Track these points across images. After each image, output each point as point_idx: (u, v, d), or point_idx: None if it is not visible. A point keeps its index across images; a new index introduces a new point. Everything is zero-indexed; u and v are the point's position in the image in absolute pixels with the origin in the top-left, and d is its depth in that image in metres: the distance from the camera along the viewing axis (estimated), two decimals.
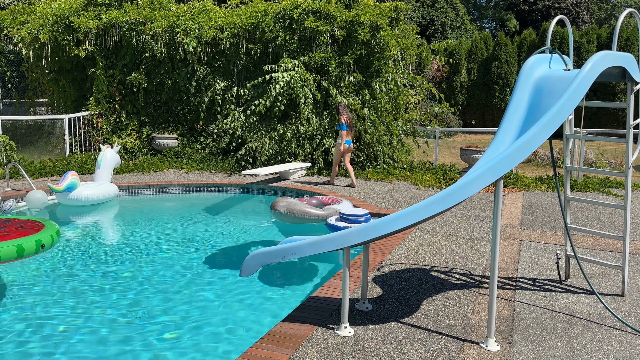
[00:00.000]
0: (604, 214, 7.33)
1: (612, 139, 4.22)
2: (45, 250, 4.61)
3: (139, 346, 3.69)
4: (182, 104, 12.39)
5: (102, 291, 4.72)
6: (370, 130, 10.90)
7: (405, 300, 4.09)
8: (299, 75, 10.73)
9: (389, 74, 11.48)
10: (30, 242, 4.44)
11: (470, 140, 21.18)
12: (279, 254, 3.47)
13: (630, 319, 3.80)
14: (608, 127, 21.17)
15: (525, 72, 3.78)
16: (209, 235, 6.63)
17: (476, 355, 3.24)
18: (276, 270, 5.26)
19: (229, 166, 11.03)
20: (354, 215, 4.28)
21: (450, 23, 37.28)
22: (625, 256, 4.18)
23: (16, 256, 4.34)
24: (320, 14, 11.22)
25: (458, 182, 3.18)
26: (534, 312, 3.91)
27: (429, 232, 6.22)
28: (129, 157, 12.10)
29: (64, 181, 7.82)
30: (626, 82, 4.02)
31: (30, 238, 4.48)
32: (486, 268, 4.93)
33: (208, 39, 11.70)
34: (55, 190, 7.73)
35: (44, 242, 4.54)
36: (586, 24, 38.27)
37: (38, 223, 4.99)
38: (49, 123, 13.04)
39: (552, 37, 21.83)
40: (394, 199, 8.25)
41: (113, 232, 6.88)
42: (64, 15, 12.23)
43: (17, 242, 4.38)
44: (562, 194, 7.03)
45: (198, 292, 4.72)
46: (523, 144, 3.18)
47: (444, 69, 23.81)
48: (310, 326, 3.56)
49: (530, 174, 11.55)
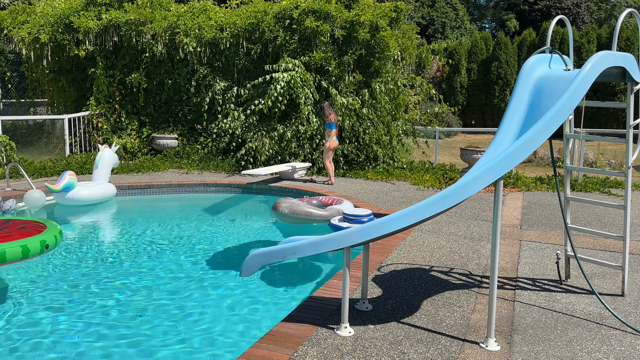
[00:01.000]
0: (604, 214, 7.33)
1: (612, 139, 4.22)
2: (49, 250, 4.61)
3: (139, 346, 3.69)
4: (182, 104, 12.39)
5: (101, 291, 4.72)
6: (370, 130, 10.90)
7: (405, 300, 4.09)
8: (299, 75, 10.73)
9: (388, 74, 11.48)
10: (35, 243, 4.44)
11: (470, 140, 21.18)
12: (279, 254, 3.47)
13: (630, 319, 3.80)
14: (608, 127, 21.17)
15: (525, 72, 3.78)
16: (209, 235, 6.63)
17: (476, 355, 3.24)
18: (276, 270, 5.26)
19: (229, 166, 11.03)
20: (357, 216, 4.27)
21: (450, 23, 37.28)
22: (625, 256, 4.18)
23: (21, 256, 4.34)
24: (320, 14, 11.22)
25: (458, 182, 3.18)
26: (534, 312, 3.91)
27: (429, 232, 6.22)
28: (129, 157, 12.11)
29: (61, 181, 7.81)
30: (626, 82, 4.02)
31: (35, 238, 4.48)
32: (486, 268, 4.93)
33: (208, 39, 11.70)
34: (52, 190, 7.73)
35: (48, 242, 4.55)
36: (586, 24, 38.27)
37: (40, 224, 4.98)
38: (49, 123, 13.04)
39: (552, 37, 21.83)
40: (394, 199, 8.25)
41: (112, 232, 6.88)
42: (64, 15, 12.23)
43: (22, 242, 4.37)
44: (562, 194, 7.03)
45: (198, 292, 4.72)
46: (523, 144, 3.18)
47: (444, 69, 23.81)
48: (310, 326, 3.56)
49: (530, 174, 11.56)
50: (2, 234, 4.86)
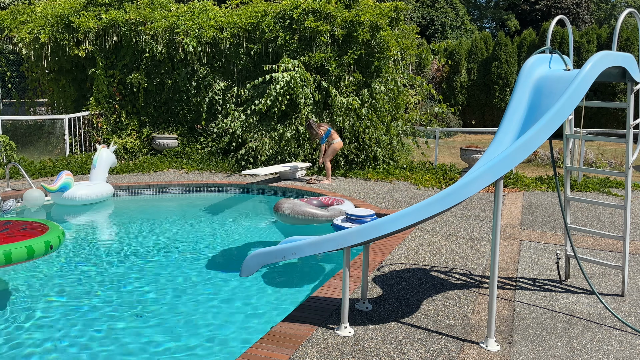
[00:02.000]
0: (604, 214, 7.33)
1: (612, 139, 4.22)
2: (53, 251, 4.59)
3: (138, 346, 3.69)
4: (182, 104, 12.39)
5: (100, 291, 4.72)
6: (370, 130, 10.90)
7: (405, 300, 4.09)
8: (299, 75, 10.73)
9: (388, 74, 11.48)
10: (39, 243, 4.42)
11: (470, 140, 21.18)
12: (279, 254, 3.47)
13: (630, 319, 3.80)
14: (608, 127, 21.17)
15: (525, 72, 3.78)
16: (209, 235, 6.63)
17: (476, 355, 3.24)
18: (276, 270, 5.26)
19: (229, 166, 11.04)
20: (360, 216, 4.27)
21: (450, 23, 37.29)
22: (625, 256, 4.18)
23: (27, 257, 4.31)
24: (320, 14, 11.22)
25: (458, 182, 3.18)
26: (534, 312, 3.91)
27: (429, 232, 6.22)
28: (129, 157, 12.11)
29: (58, 181, 7.80)
30: (626, 82, 4.01)
31: (39, 239, 4.46)
32: (486, 268, 4.93)
33: (208, 39, 11.70)
34: (48, 190, 7.72)
35: (52, 243, 4.53)
36: (586, 23, 38.27)
37: (41, 224, 4.97)
38: (49, 123, 13.04)
39: (552, 37, 21.82)
40: (394, 199, 8.25)
41: (110, 232, 6.88)
42: (64, 15, 12.23)
43: (27, 243, 4.35)
44: (562, 194, 7.03)
45: (198, 292, 4.72)
46: (523, 144, 3.18)
47: (443, 69, 23.81)
48: (310, 326, 3.56)
49: (530, 174, 11.56)
50: (4, 235, 4.85)
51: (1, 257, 4.16)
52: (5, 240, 4.71)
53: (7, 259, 4.18)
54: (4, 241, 4.53)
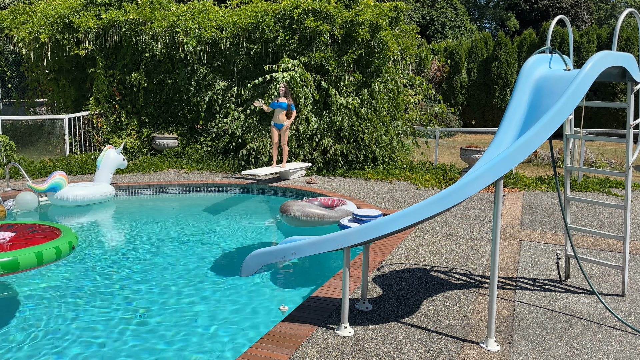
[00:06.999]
0: (604, 214, 7.33)
1: (612, 139, 4.22)
2: (64, 256, 4.45)
3: (138, 346, 3.69)
4: (182, 104, 12.39)
5: (100, 291, 4.72)
6: (369, 130, 10.90)
7: (405, 300, 4.09)
8: (299, 75, 10.73)
9: (388, 73, 11.48)
10: (64, 244, 4.32)
11: (470, 140, 21.18)
12: (279, 254, 3.47)
13: (630, 319, 3.80)
14: (608, 127, 21.16)
15: (525, 72, 3.78)
16: (209, 235, 6.63)
17: (476, 355, 3.24)
18: (276, 270, 5.26)
19: (229, 166, 11.04)
20: (367, 216, 4.26)
21: (450, 23, 37.28)
22: (625, 256, 4.18)
23: (55, 258, 4.23)
24: (320, 13, 11.21)
25: (458, 182, 3.18)
26: (534, 312, 3.91)
27: (429, 232, 6.22)
28: (129, 157, 12.11)
29: (48, 181, 7.74)
30: (626, 82, 4.01)
31: (61, 240, 4.35)
32: (486, 268, 4.93)
33: (208, 38, 11.70)
34: (35, 190, 7.64)
35: (74, 243, 4.43)
36: (586, 23, 38.27)
37: (50, 227, 4.84)
38: (49, 123, 13.04)
39: (552, 37, 21.82)
40: (394, 199, 8.25)
41: (109, 233, 6.87)
42: (64, 15, 12.23)
43: (54, 244, 4.26)
44: (562, 194, 7.03)
45: (198, 292, 4.72)
46: (523, 144, 3.18)
47: (444, 69, 23.80)
48: (310, 326, 3.56)
49: (530, 174, 11.55)
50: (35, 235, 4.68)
51: (33, 259, 4.08)
52: (17, 245, 4.53)
53: (15, 266, 4.06)
54: (15, 247, 4.38)
